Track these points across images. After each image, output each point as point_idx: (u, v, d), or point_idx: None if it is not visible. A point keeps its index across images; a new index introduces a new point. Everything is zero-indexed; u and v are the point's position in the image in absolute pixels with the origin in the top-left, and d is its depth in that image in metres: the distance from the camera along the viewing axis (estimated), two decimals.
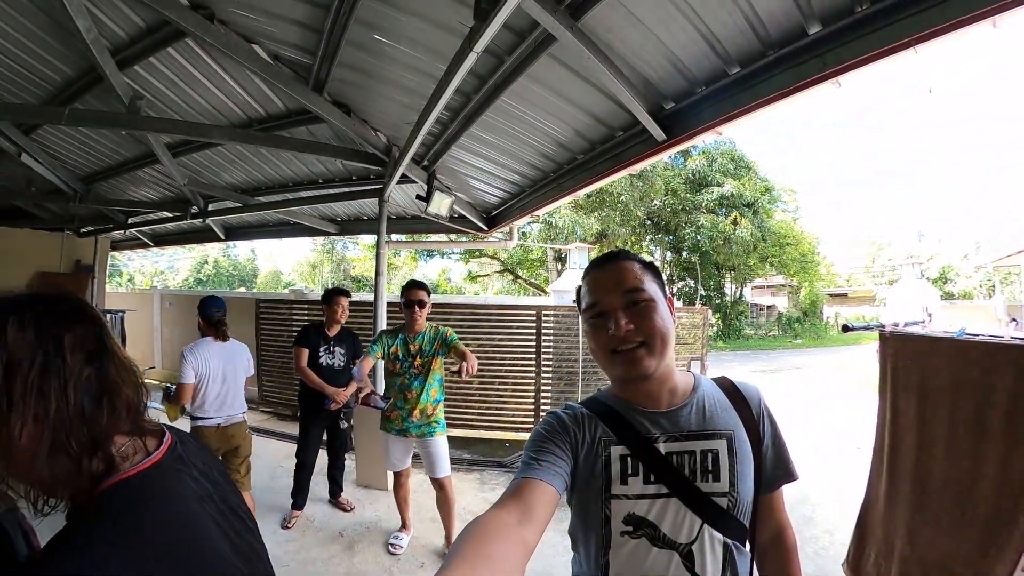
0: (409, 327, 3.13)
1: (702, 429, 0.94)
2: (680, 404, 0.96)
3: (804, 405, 9.26)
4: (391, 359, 3.12)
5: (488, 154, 4.20)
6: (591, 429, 0.95)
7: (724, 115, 2.65)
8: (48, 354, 0.64)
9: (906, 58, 2.01)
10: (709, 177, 18.41)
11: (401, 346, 3.12)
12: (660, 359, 0.92)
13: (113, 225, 8.07)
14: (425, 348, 3.11)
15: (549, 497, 0.81)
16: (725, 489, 0.91)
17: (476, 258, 22.33)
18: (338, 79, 3.53)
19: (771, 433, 1.01)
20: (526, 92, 3.11)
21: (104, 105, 4.16)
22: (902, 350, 2.41)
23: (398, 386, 3.13)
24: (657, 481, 0.90)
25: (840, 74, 2.15)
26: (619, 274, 0.95)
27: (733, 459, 0.92)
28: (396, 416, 3.16)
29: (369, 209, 6.41)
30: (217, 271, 34.68)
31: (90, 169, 6.06)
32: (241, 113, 4.29)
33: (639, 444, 0.92)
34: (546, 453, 0.89)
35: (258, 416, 7.15)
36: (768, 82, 2.42)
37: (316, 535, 3.65)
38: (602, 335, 0.93)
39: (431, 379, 3.11)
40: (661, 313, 0.93)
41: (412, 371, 3.09)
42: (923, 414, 2.25)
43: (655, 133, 2.93)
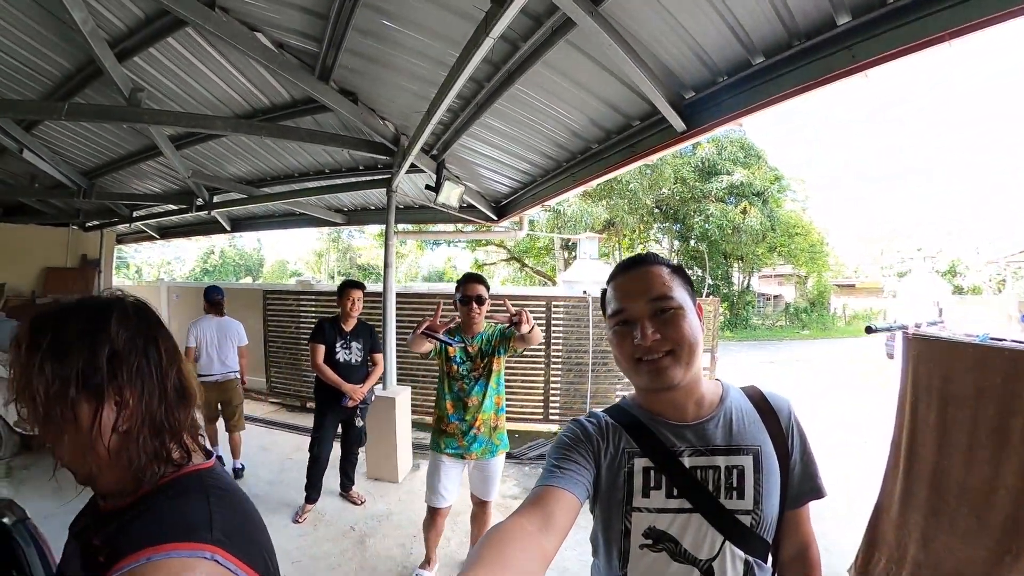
0: (466, 327, 2.63)
1: (728, 444, 0.91)
2: (707, 416, 0.93)
3: (811, 396, 9.18)
4: (446, 359, 2.62)
5: (499, 143, 4.11)
6: (615, 439, 0.93)
7: (746, 107, 2.60)
8: (148, 349, 0.73)
9: (939, 52, 1.96)
10: (718, 165, 18.17)
11: (458, 348, 2.65)
12: (687, 369, 0.88)
13: (118, 219, 8.09)
14: (484, 348, 2.63)
15: (570, 506, 0.80)
16: (749, 507, 0.88)
17: (483, 246, 22.25)
18: (345, 67, 3.44)
19: (800, 448, 0.97)
20: (541, 79, 3.01)
21: (104, 98, 4.10)
22: (925, 353, 2.38)
23: (454, 392, 2.61)
24: (680, 496, 0.88)
25: (870, 67, 2.10)
26: (646, 280, 0.91)
27: (759, 476, 0.89)
28: (454, 431, 2.60)
29: (376, 199, 6.33)
30: (224, 261, 34.79)
31: (93, 163, 6.03)
32: (245, 103, 4.21)
33: (663, 457, 0.90)
34: (568, 461, 0.88)
35: (266, 408, 7.16)
36: (793, 73, 2.36)
37: (327, 529, 3.63)
38: (627, 343, 0.90)
39: (492, 382, 2.62)
40: (689, 321, 0.89)
41: (472, 375, 2.61)
42: (944, 419, 2.24)
43: (675, 123, 2.84)
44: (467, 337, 2.62)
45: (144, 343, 0.73)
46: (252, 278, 34.67)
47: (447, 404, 2.63)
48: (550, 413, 6.18)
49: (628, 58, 2.35)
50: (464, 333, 2.64)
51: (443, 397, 2.66)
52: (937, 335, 2.43)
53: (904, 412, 2.47)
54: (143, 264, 33.05)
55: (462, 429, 2.59)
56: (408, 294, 6.85)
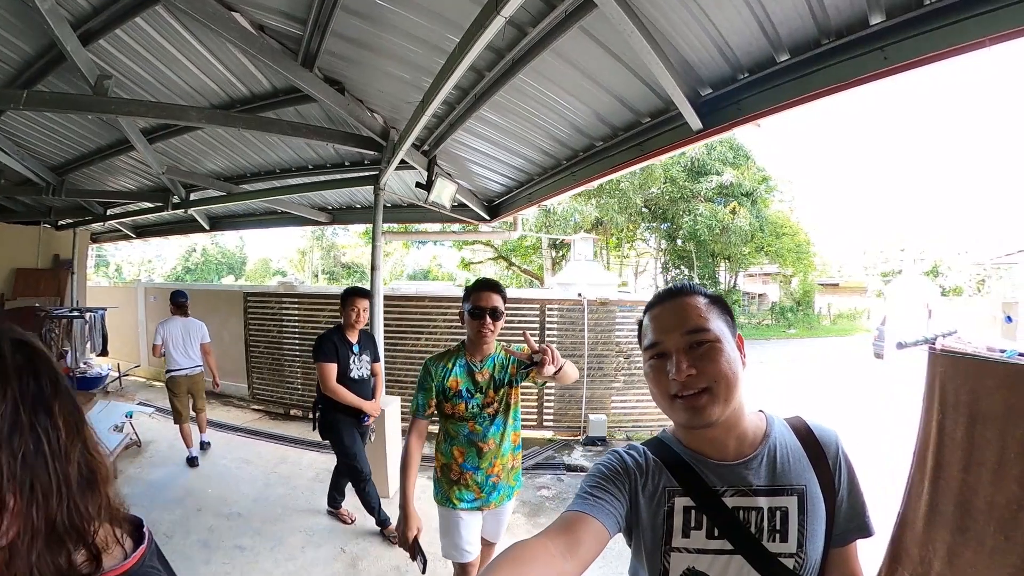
0: (474, 347, 2.13)
1: (771, 484, 0.87)
2: (749, 455, 0.89)
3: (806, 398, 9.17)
4: (449, 398, 2.08)
5: (497, 138, 3.88)
6: (655, 476, 0.91)
7: (767, 107, 2.47)
8: (37, 424, 0.52)
9: (975, 57, 1.88)
10: (708, 166, 18.17)
11: (464, 377, 2.09)
12: (725, 406, 0.84)
13: (92, 217, 7.72)
14: (498, 376, 2.12)
15: (599, 535, 0.79)
16: (793, 550, 0.84)
17: (469, 245, 22.01)
18: (330, 52, 3.17)
19: (847, 485, 0.91)
20: (548, 69, 2.79)
21: (69, 87, 3.79)
22: (952, 371, 2.33)
23: (464, 437, 2.09)
24: (721, 536, 0.85)
25: (902, 71, 2.01)
26: (681, 311, 0.89)
27: (803, 517, 0.85)
28: (468, 482, 2.10)
29: (362, 197, 6.08)
30: (206, 259, 34.07)
31: (61, 158, 5.70)
32: (221, 92, 3.92)
33: (704, 497, 0.87)
34: (603, 491, 0.87)
35: (248, 415, 6.87)
36: (820, 73, 2.24)
37: (316, 552, 3.41)
38: (663, 378, 0.87)
39: (511, 418, 2.16)
40: (727, 355, 0.86)
41: (486, 413, 2.09)
42: (971, 436, 2.19)
43: (691, 121, 2.66)
44: (474, 360, 2.12)
45: (32, 416, 0.51)
46: (235, 277, 34.04)
47: (454, 450, 2.11)
48: (544, 419, 6.02)
49: (649, 47, 2.14)
50: (470, 355, 2.14)
51: (448, 441, 2.13)
52: (964, 352, 2.36)
53: (930, 429, 2.41)
54: (123, 263, 32.42)
55: (478, 480, 2.10)
56: (396, 296, 6.61)
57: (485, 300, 2.07)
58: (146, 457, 5.03)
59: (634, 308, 6.24)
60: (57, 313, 6.48)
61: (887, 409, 7.14)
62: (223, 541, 3.47)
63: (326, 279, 29.58)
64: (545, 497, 4.37)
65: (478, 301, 2.07)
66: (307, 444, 5.58)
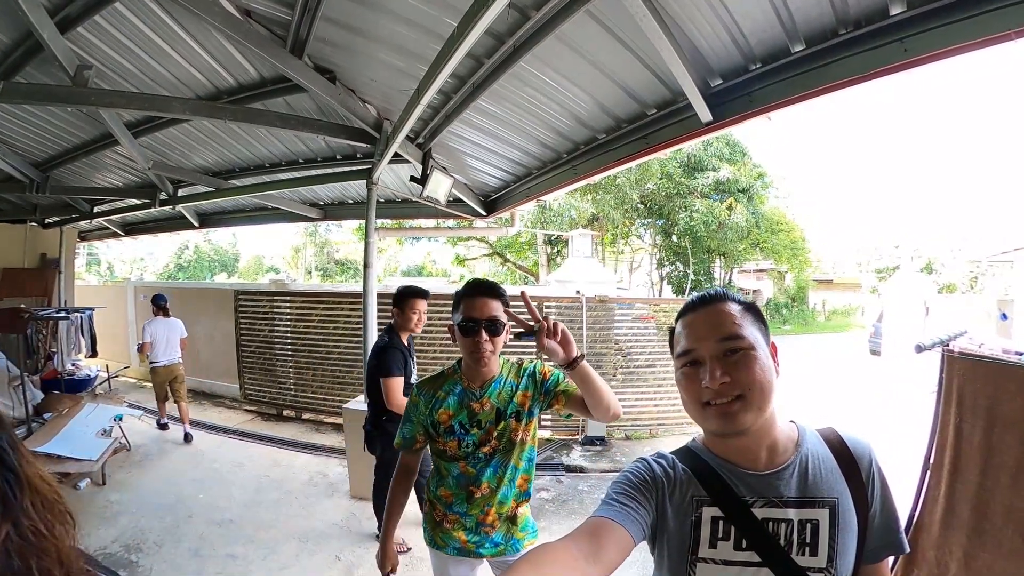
0: (470, 372, 1.67)
1: (802, 496, 0.85)
2: (780, 465, 0.87)
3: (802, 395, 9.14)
4: (440, 434, 1.67)
5: (494, 130, 3.74)
6: (683, 484, 0.89)
7: (780, 99, 2.39)
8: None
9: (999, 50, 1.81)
10: (705, 162, 18.06)
11: (457, 408, 1.65)
12: (758, 414, 0.82)
13: (79, 215, 7.57)
14: (503, 407, 1.65)
15: (623, 542, 0.78)
16: (823, 565, 0.82)
17: (464, 241, 21.84)
18: (320, 39, 3.04)
19: (881, 499, 0.89)
20: (550, 56, 2.66)
21: (49, 78, 3.62)
22: (970, 374, 2.29)
23: (453, 478, 1.69)
24: (749, 548, 0.82)
25: (921, 64, 1.94)
26: (715, 318, 0.87)
27: (834, 531, 0.83)
28: (454, 524, 1.72)
29: (355, 192, 5.93)
30: (198, 257, 33.69)
31: (44, 154, 5.53)
32: (207, 83, 3.77)
33: (733, 507, 0.84)
34: (629, 498, 0.86)
35: (239, 416, 6.74)
36: (835, 65, 2.17)
37: (311, 560, 3.32)
38: (694, 386, 0.85)
39: (517, 458, 1.69)
40: (761, 363, 0.83)
41: (481, 452, 1.65)
42: (989, 440, 2.18)
43: (701, 113, 2.56)
44: (472, 388, 1.66)
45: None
46: (228, 274, 33.70)
47: (441, 490, 1.72)
48: (542, 419, 5.93)
49: (661, 31, 2.03)
50: (467, 380, 1.67)
51: (437, 476, 1.76)
52: (982, 355, 2.32)
53: (947, 432, 2.37)
54: (115, 261, 32.02)
55: (466, 526, 1.70)
56: (389, 294, 6.46)
57: (480, 308, 1.58)
58: (135, 461, 4.90)
59: (632, 306, 6.15)
60: (42, 314, 6.29)
61: (886, 407, 7.10)
62: (215, 550, 3.36)
63: (320, 276, 29.34)
64: (544, 500, 4.28)
65: (470, 310, 1.58)
66: (300, 446, 5.48)
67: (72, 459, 4.07)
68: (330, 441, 5.63)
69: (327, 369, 6.53)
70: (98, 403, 5.13)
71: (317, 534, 3.61)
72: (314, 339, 6.61)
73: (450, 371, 1.73)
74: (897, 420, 5.61)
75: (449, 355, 5.91)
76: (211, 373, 7.95)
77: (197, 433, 5.67)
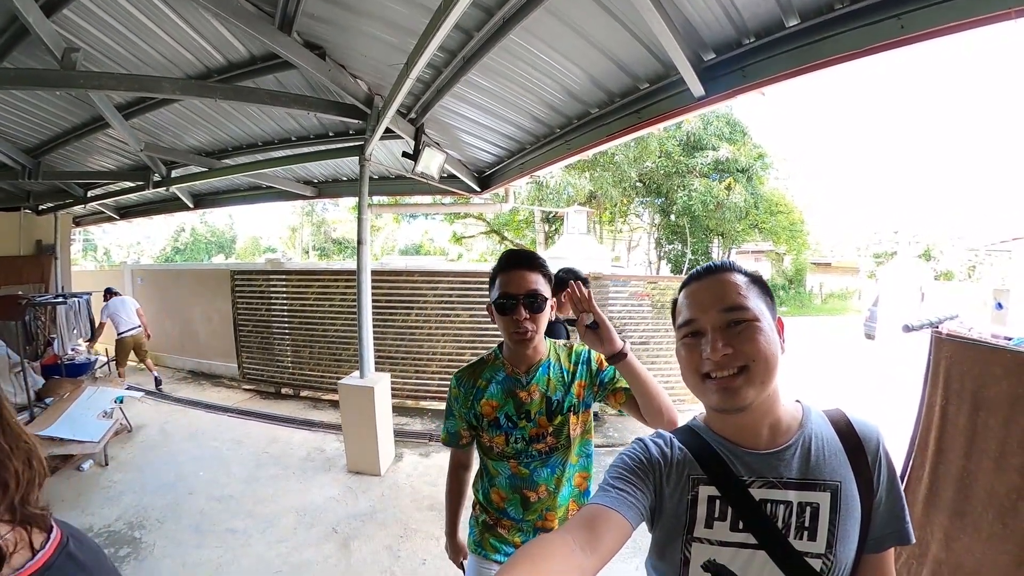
0: (515, 355, 1.47)
1: (803, 477, 0.82)
2: (782, 445, 0.84)
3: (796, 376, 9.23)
4: (484, 428, 1.48)
5: (486, 104, 3.71)
6: (680, 463, 0.87)
7: (773, 74, 2.37)
8: None
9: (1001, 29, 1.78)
10: (704, 140, 17.83)
11: (503, 398, 1.46)
12: (761, 389, 0.79)
13: (72, 200, 7.53)
14: (554, 395, 1.45)
15: (620, 529, 0.77)
16: (821, 550, 0.79)
17: (461, 219, 21.76)
18: (309, 14, 2.99)
19: (887, 486, 0.84)
20: (541, 29, 2.63)
21: (36, 62, 3.58)
22: (958, 356, 2.31)
23: (506, 479, 1.49)
24: (745, 529, 0.80)
25: (918, 40, 1.92)
26: (719, 288, 0.84)
27: (835, 516, 0.80)
28: (508, 532, 1.52)
29: (348, 169, 5.91)
30: (195, 239, 33.57)
31: (35, 140, 5.48)
32: (196, 62, 3.71)
33: (731, 487, 0.82)
34: (625, 483, 0.84)
35: (238, 395, 6.81)
36: (831, 40, 2.14)
37: (308, 533, 3.39)
38: (695, 357, 0.83)
39: (572, 456, 1.49)
40: (766, 335, 0.80)
41: (533, 449, 1.45)
42: (974, 424, 2.19)
43: (693, 88, 2.53)
44: (518, 373, 1.47)
45: None
46: (225, 256, 33.61)
47: (493, 493, 1.52)
48: None
49: (652, 5, 2.00)
50: (512, 365, 1.48)
51: (486, 478, 1.56)
52: (970, 338, 2.33)
53: (932, 413, 2.40)
54: (112, 246, 31.87)
55: (522, 528, 1.51)
56: (385, 271, 6.51)
57: (517, 282, 1.37)
58: (137, 442, 4.97)
59: (627, 283, 6.17)
60: (40, 300, 6.31)
61: (880, 391, 7.18)
62: (215, 525, 3.43)
63: (317, 255, 29.28)
64: None
65: (506, 285, 1.38)
66: (298, 423, 5.56)
67: (75, 441, 4.14)
68: (327, 417, 5.71)
69: (324, 346, 6.58)
70: (99, 386, 5.19)
71: (315, 508, 3.69)
72: (310, 317, 6.65)
73: (490, 357, 1.54)
74: (891, 404, 5.69)
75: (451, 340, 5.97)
76: (209, 353, 8.02)
77: (196, 412, 5.76)
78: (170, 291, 8.61)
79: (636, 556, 2.92)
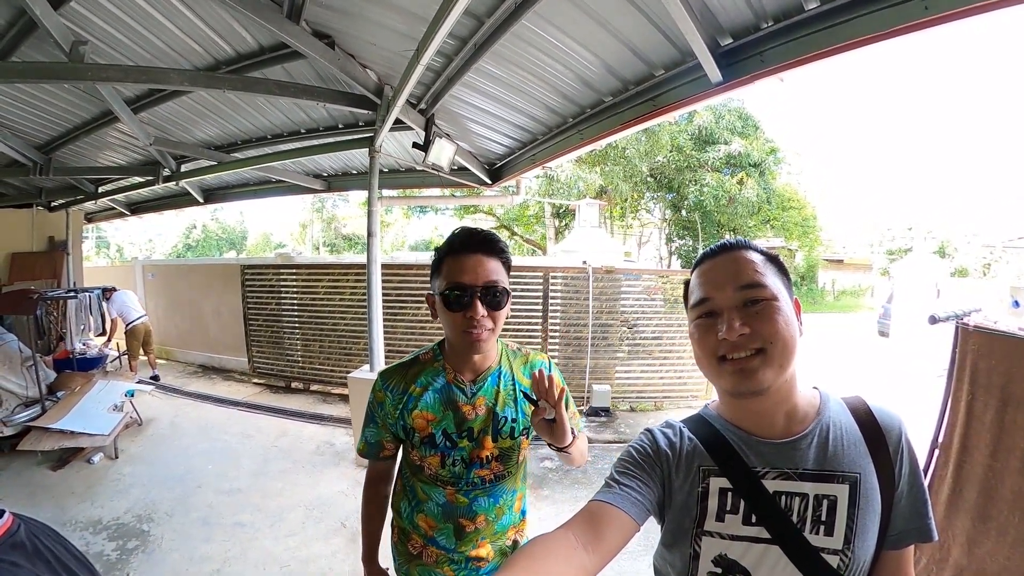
0: (460, 357, 1.23)
1: (820, 468, 0.77)
2: (799, 433, 0.79)
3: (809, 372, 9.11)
4: (416, 444, 1.22)
5: (497, 93, 3.63)
6: (690, 454, 0.83)
7: (793, 59, 2.27)
8: None
9: None
10: (716, 134, 17.63)
11: (440, 410, 1.21)
12: (779, 372, 0.75)
13: (83, 196, 7.55)
14: (502, 411, 1.23)
15: (623, 527, 0.74)
16: (838, 546, 0.74)
17: (471, 213, 21.69)
18: (317, 2, 2.93)
19: (909, 479, 0.80)
20: (554, 14, 2.55)
21: (45, 56, 3.57)
22: (985, 349, 2.20)
23: (439, 506, 1.25)
24: (759, 523, 0.76)
25: (943, 22, 1.83)
26: (735, 266, 0.79)
27: (854, 510, 0.75)
28: (436, 559, 1.28)
29: (358, 162, 5.86)
30: (206, 236, 33.89)
31: (46, 136, 5.48)
32: (205, 53, 3.68)
33: (743, 479, 0.78)
34: (630, 478, 0.81)
35: (248, 389, 6.83)
36: (853, 23, 2.05)
37: (316, 527, 3.37)
38: (710, 338, 0.78)
39: (517, 481, 1.33)
40: (785, 316, 0.76)
41: (475, 476, 1.23)
42: (1002, 420, 2.10)
43: (711, 73, 2.45)
44: (461, 380, 1.23)
45: None
46: (236, 252, 33.92)
47: (419, 519, 1.27)
48: None
49: None
50: (454, 369, 1.23)
51: (410, 499, 1.29)
52: (1001, 330, 2.22)
53: (958, 409, 2.30)
54: (124, 243, 32.31)
55: (454, 560, 1.27)
56: (394, 264, 6.50)
57: (473, 270, 1.12)
58: (146, 436, 4.99)
59: (640, 277, 6.10)
60: (51, 294, 6.37)
61: (894, 387, 7.05)
62: (223, 518, 3.43)
63: (327, 251, 29.41)
64: (548, 468, 4.31)
65: (459, 273, 1.12)
66: (308, 417, 5.56)
67: (85, 434, 4.17)
68: (337, 411, 5.71)
69: (334, 340, 6.59)
70: (109, 380, 5.22)
71: (323, 502, 3.67)
72: (320, 311, 6.66)
73: (427, 356, 1.26)
74: (906, 400, 5.57)
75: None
76: (219, 347, 8.06)
77: (206, 406, 5.78)
78: (180, 286, 8.66)
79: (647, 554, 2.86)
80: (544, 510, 3.59)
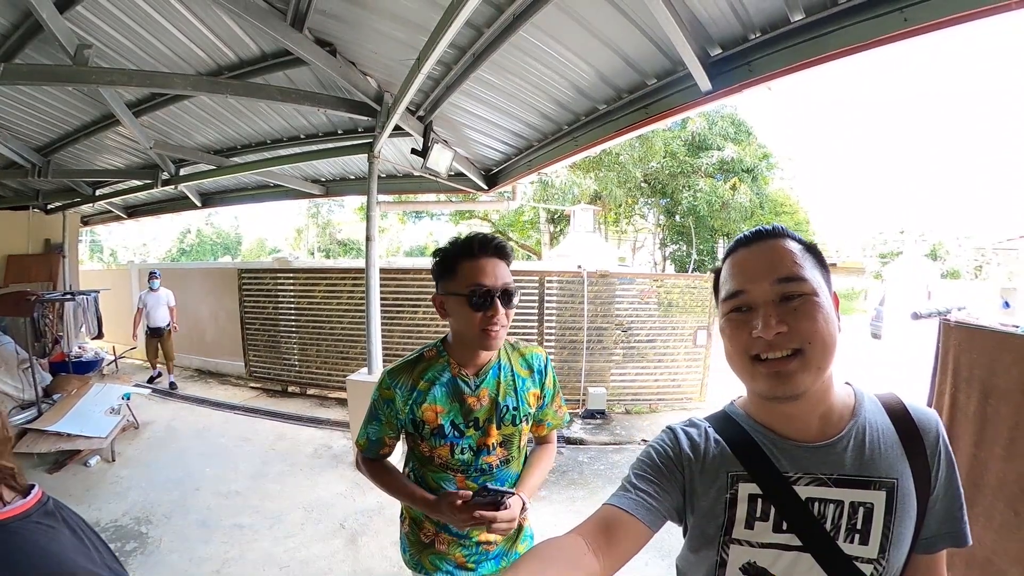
0: (466, 353, 1.31)
1: (857, 474, 0.72)
2: (833, 436, 0.73)
3: None
4: (425, 437, 1.29)
5: (495, 101, 3.72)
6: (716, 458, 0.78)
7: (779, 68, 2.39)
8: None
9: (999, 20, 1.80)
10: (709, 140, 17.81)
11: (448, 403, 1.29)
12: (818, 374, 0.69)
13: (81, 199, 7.59)
14: (504, 401, 1.32)
15: (636, 535, 0.72)
16: (873, 556, 0.70)
17: (466, 219, 21.76)
18: (321, 11, 3.01)
19: (945, 482, 0.75)
20: (550, 25, 2.64)
21: (49, 59, 3.62)
22: (967, 343, 2.28)
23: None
24: (790, 531, 0.72)
25: (921, 33, 1.93)
26: (772, 256, 0.72)
27: (890, 518, 0.71)
28: (448, 548, 1.38)
29: (356, 167, 5.93)
30: (200, 240, 33.80)
31: (45, 138, 5.52)
32: (208, 59, 3.74)
33: (774, 485, 0.73)
34: (648, 482, 0.77)
35: (245, 393, 6.83)
36: (836, 34, 2.16)
37: (316, 528, 3.39)
38: (742, 334, 0.71)
39: (520, 466, 1.41)
40: (825, 313, 0.69)
41: (483, 462, 1.31)
42: (984, 411, 2.17)
43: (700, 82, 2.55)
44: (465, 375, 1.30)
45: None
46: (231, 257, 33.82)
47: None
48: None
49: (660, 1, 2.01)
50: (459, 365, 1.31)
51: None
52: (981, 324, 2.30)
53: (942, 402, 2.37)
54: (118, 247, 32.19)
55: (464, 545, 1.37)
56: (391, 269, 6.55)
57: (493, 273, 1.21)
58: (143, 439, 4.99)
59: (634, 281, 6.18)
60: (48, 297, 6.36)
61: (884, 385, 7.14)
62: (222, 520, 3.44)
63: (323, 256, 29.38)
64: None
65: (480, 275, 1.20)
66: (305, 420, 5.57)
67: (82, 437, 4.17)
68: (334, 415, 5.72)
69: (331, 344, 6.60)
70: (106, 383, 5.22)
71: (322, 504, 3.69)
72: (317, 315, 6.68)
73: (431, 353, 1.32)
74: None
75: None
76: (216, 352, 8.05)
77: (203, 410, 5.78)
78: (177, 289, 8.62)
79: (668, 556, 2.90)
80: (541, 511, 3.62)
